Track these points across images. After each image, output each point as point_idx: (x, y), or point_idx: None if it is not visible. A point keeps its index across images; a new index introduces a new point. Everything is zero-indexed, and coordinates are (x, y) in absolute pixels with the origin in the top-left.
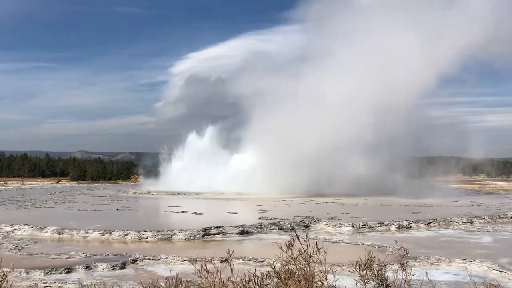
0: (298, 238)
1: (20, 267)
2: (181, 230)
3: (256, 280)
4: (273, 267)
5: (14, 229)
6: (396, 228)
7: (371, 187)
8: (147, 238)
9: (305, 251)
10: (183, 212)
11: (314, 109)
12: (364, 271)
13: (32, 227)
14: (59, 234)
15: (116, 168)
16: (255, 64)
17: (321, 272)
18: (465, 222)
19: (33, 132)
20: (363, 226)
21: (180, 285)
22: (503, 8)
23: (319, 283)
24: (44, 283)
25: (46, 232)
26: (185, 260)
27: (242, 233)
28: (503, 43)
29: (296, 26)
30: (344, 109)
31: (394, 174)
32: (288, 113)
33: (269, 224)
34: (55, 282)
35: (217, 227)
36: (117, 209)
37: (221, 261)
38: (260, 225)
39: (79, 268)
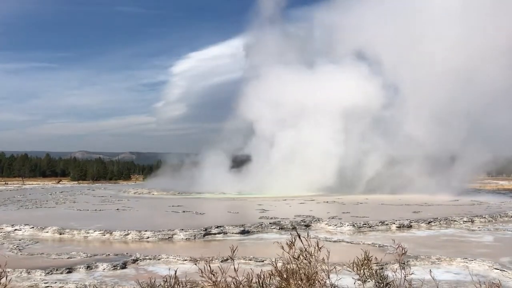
0: (299, 237)
1: (21, 267)
2: (182, 230)
3: (258, 280)
4: (274, 266)
5: (15, 229)
6: (397, 227)
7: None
8: (148, 238)
9: (306, 250)
10: (183, 212)
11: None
12: (362, 270)
13: (33, 227)
14: (60, 234)
15: (116, 168)
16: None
17: (323, 271)
18: (466, 221)
19: (33, 132)
20: (364, 225)
21: (178, 286)
22: None
23: (322, 282)
24: (45, 283)
25: (47, 232)
26: (186, 260)
27: (243, 232)
28: None
29: None
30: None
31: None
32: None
33: (270, 223)
34: (56, 282)
35: (217, 226)
36: (117, 209)
37: (222, 261)
38: (261, 225)
39: (80, 268)
